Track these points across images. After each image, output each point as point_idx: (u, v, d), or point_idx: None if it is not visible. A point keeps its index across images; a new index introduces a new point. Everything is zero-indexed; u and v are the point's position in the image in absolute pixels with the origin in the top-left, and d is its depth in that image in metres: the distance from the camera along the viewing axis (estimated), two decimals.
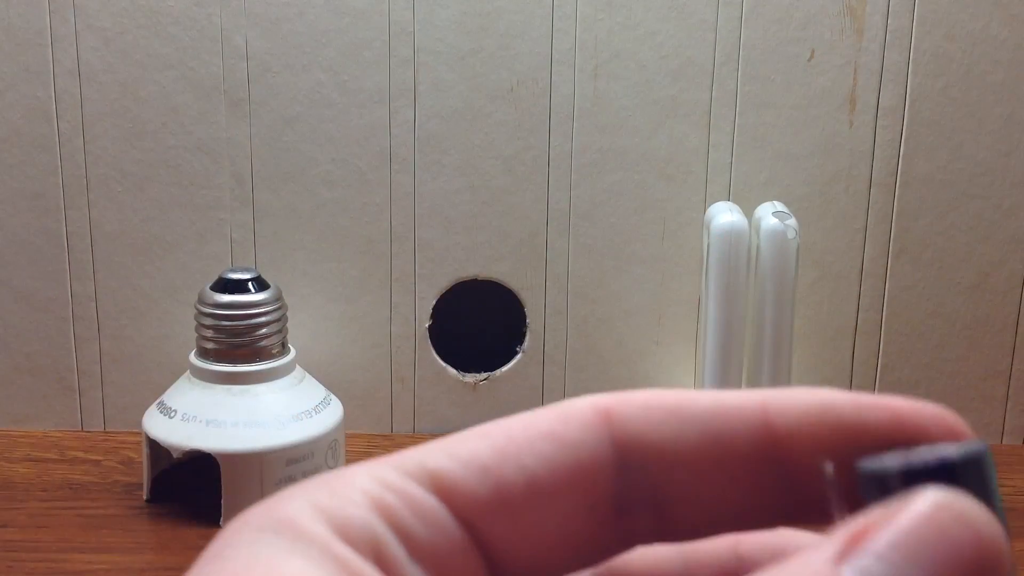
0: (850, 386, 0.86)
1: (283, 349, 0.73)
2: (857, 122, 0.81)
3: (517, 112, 0.81)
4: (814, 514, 0.17)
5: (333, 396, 0.75)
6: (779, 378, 0.74)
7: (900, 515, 0.14)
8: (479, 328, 0.88)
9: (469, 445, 0.17)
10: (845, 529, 0.14)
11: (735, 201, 0.80)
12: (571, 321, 0.84)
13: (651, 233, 0.82)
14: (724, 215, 0.73)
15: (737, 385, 0.76)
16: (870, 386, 0.86)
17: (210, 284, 0.71)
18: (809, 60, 0.80)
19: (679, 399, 0.18)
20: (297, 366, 0.75)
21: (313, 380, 0.76)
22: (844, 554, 0.14)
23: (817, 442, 0.17)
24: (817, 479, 0.17)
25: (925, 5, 0.79)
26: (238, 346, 0.69)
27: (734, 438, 0.17)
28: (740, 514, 0.18)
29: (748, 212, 0.76)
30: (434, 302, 0.84)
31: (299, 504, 0.15)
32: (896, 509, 0.14)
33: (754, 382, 0.76)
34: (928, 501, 0.14)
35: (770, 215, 0.73)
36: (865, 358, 0.85)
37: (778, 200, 0.79)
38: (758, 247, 0.73)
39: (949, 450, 0.16)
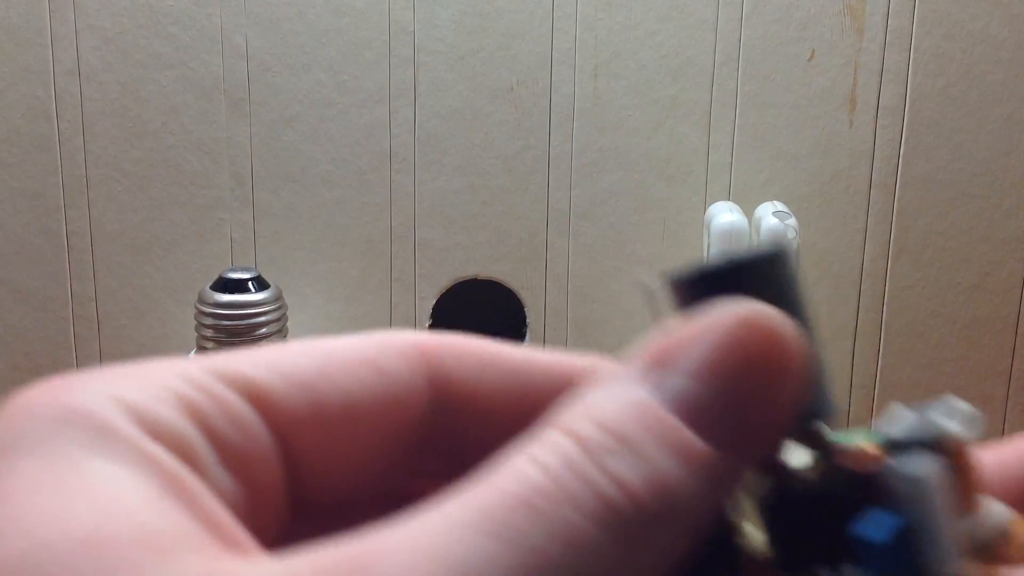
0: (850, 386, 0.86)
1: None
2: (857, 122, 0.81)
3: (517, 112, 0.81)
4: None
5: None
6: None
7: (705, 332, 0.14)
8: (479, 328, 0.88)
9: (290, 359, 0.17)
10: (648, 349, 0.14)
11: (735, 201, 0.80)
12: (571, 321, 0.84)
13: (651, 233, 0.82)
14: (724, 215, 0.73)
15: None
16: (870, 385, 0.86)
17: (210, 284, 0.71)
18: (809, 60, 0.80)
19: (495, 351, 0.18)
20: None
21: None
22: (651, 375, 0.14)
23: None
24: None
25: (925, 5, 0.79)
26: (238, 345, 0.69)
27: (539, 396, 0.18)
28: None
29: (748, 212, 0.76)
30: (434, 302, 0.84)
31: (99, 396, 0.14)
32: (701, 325, 0.14)
33: None
34: (731, 316, 0.14)
35: (770, 215, 0.73)
36: (865, 358, 0.85)
37: (778, 200, 0.79)
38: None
39: (750, 251, 0.16)
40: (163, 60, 0.79)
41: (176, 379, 0.15)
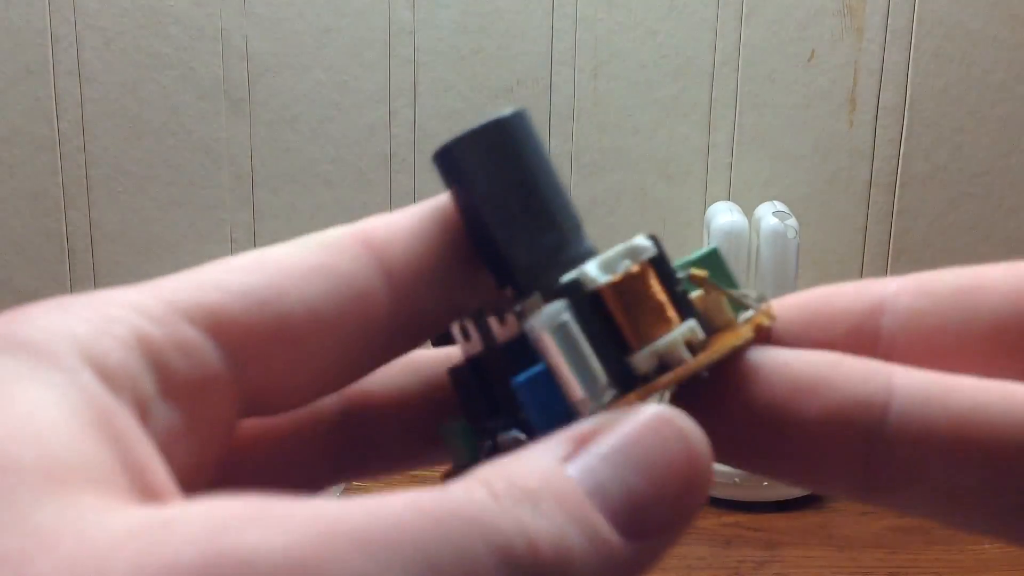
0: None
1: None
2: (857, 122, 0.81)
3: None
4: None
5: None
6: None
7: (624, 422, 0.15)
8: None
9: (241, 278, 0.16)
10: (572, 431, 0.15)
11: (735, 201, 0.80)
12: None
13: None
14: (724, 215, 0.73)
15: None
16: None
17: None
18: (809, 60, 0.80)
19: (421, 223, 0.18)
20: None
21: None
22: (571, 454, 0.15)
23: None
24: None
25: (925, 5, 0.79)
26: None
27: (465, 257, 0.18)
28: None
29: (748, 212, 0.76)
30: None
31: (49, 328, 0.14)
32: (621, 417, 0.15)
33: None
34: (651, 412, 0.15)
35: (770, 215, 0.73)
36: None
37: (778, 200, 0.79)
38: (758, 247, 0.73)
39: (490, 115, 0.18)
40: (163, 60, 0.79)
41: (130, 312, 0.15)
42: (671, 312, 0.17)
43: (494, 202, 0.17)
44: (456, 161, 0.18)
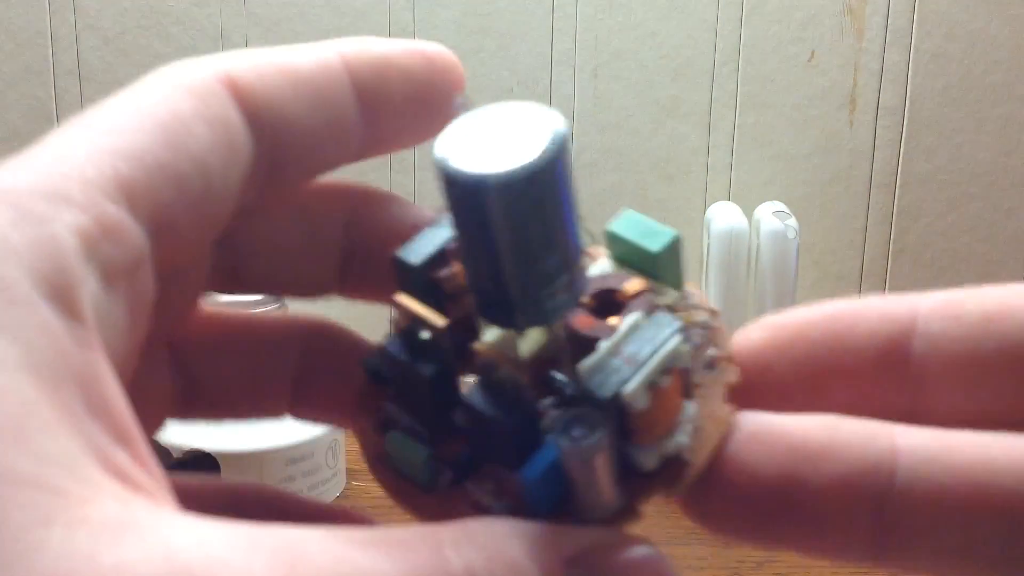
0: None
1: None
2: (857, 122, 0.81)
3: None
4: (391, 146, 0.20)
5: None
6: None
7: (616, 554, 0.16)
8: None
9: (137, 141, 0.16)
10: (564, 548, 0.16)
11: (735, 201, 0.80)
12: None
13: None
14: (724, 215, 0.73)
15: None
16: None
17: None
18: (809, 60, 0.80)
19: (285, 62, 0.18)
20: None
21: None
22: (568, 564, 0.15)
23: (387, 83, 0.19)
24: (387, 118, 0.19)
25: (925, 5, 0.79)
26: None
27: (333, 93, 0.18)
28: (334, 159, 0.19)
29: (748, 212, 0.76)
30: None
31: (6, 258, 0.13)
32: (615, 545, 0.16)
33: None
34: (642, 554, 0.16)
35: (770, 215, 0.73)
36: None
37: (778, 200, 0.79)
38: (758, 247, 0.73)
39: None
40: (163, 61, 0.79)
41: (58, 205, 0.14)
42: (680, 403, 0.17)
43: (519, 252, 0.16)
44: (481, 200, 0.15)
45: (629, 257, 0.19)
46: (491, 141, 0.15)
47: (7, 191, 0.14)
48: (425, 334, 0.18)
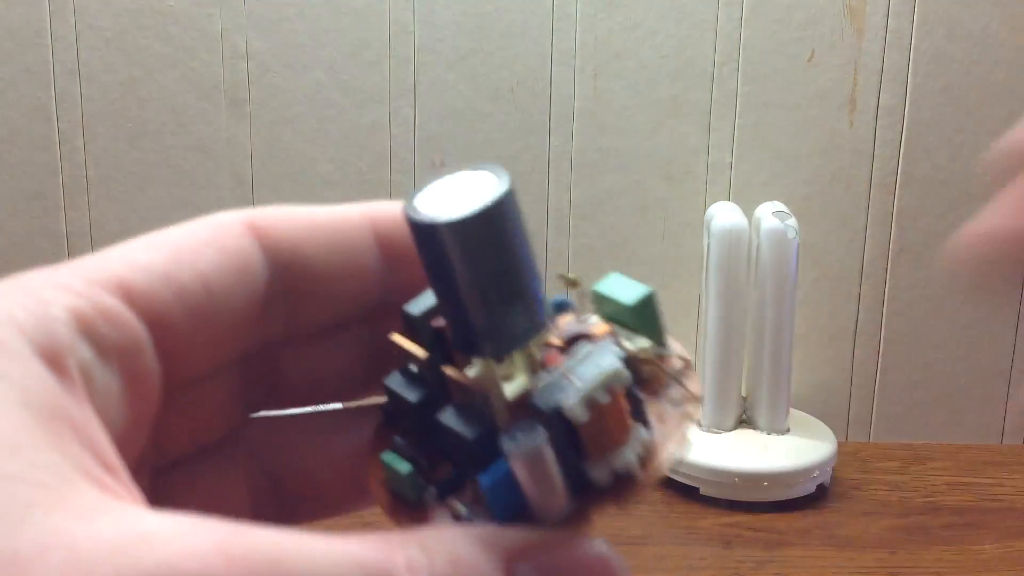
0: (850, 387, 0.86)
1: None
2: (857, 122, 0.81)
3: (517, 112, 0.81)
4: (409, 290, 0.22)
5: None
6: (779, 378, 0.74)
7: (570, 549, 0.17)
8: None
9: (143, 255, 0.19)
10: (519, 542, 0.17)
11: (735, 201, 0.80)
12: None
13: (651, 233, 0.82)
14: (724, 215, 0.73)
15: (737, 389, 0.76)
16: (870, 386, 0.86)
17: None
18: (809, 60, 0.80)
19: (306, 212, 0.21)
20: None
21: None
22: (514, 558, 0.17)
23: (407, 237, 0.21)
24: (407, 269, 0.21)
25: (925, 6, 0.79)
26: None
27: (350, 240, 0.21)
28: (353, 302, 0.22)
29: (748, 212, 0.76)
30: None
31: None
32: (569, 541, 0.17)
33: (754, 381, 0.76)
34: (596, 551, 0.17)
35: (770, 215, 0.73)
36: (865, 358, 0.85)
37: (778, 200, 0.79)
38: (758, 247, 0.73)
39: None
40: (163, 60, 0.79)
41: (58, 291, 0.17)
42: (629, 424, 0.19)
43: (473, 286, 0.18)
44: (435, 241, 0.18)
45: (613, 313, 0.21)
46: (451, 196, 0.19)
47: (25, 282, 0.17)
48: (413, 367, 0.21)
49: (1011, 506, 0.72)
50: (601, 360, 0.19)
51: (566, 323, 0.21)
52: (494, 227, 0.18)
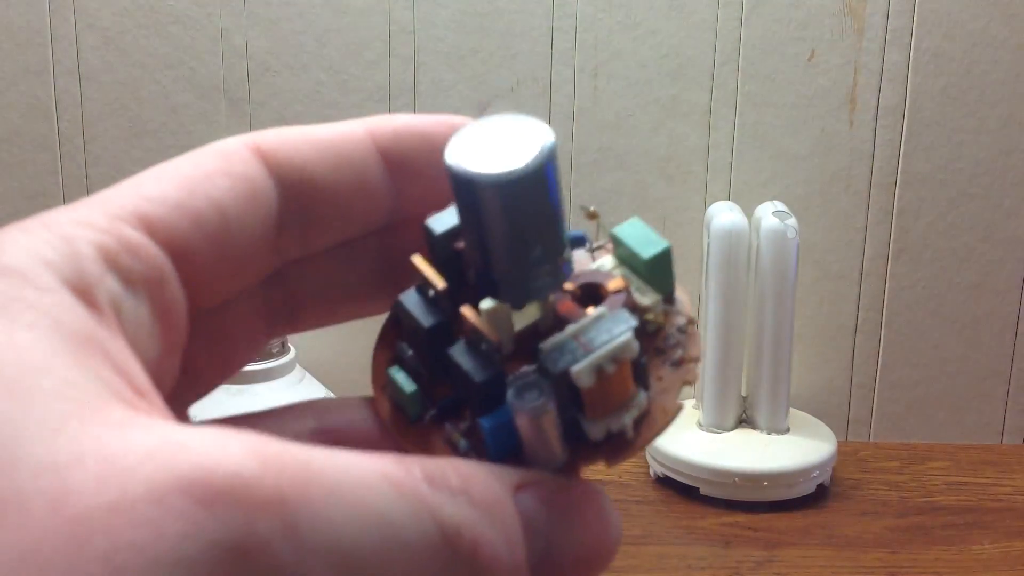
0: (850, 386, 0.86)
1: (283, 348, 0.73)
2: (857, 122, 0.81)
3: (517, 111, 0.81)
4: (418, 202, 0.22)
5: (333, 396, 0.75)
6: (779, 377, 0.74)
7: (568, 487, 0.18)
8: None
9: (158, 187, 0.19)
10: (525, 475, 0.18)
11: (735, 201, 0.80)
12: None
13: None
14: (724, 215, 0.73)
15: (737, 388, 0.76)
16: (870, 385, 0.86)
17: None
18: (809, 60, 0.80)
19: (309, 131, 0.21)
20: (297, 366, 0.75)
21: (313, 380, 0.75)
22: (518, 491, 0.18)
23: (410, 147, 0.22)
24: (413, 181, 0.22)
25: (925, 5, 0.79)
26: None
27: (354, 156, 0.21)
28: (363, 218, 0.22)
29: (748, 212, 0.76)
30: None
31: (20, 253, 0.17)
32: (570, 482, 0.19)
33: (754, 381, 0.76)
34: (594, 489, 0.19)
35: (770, 215, 0.73)
36: (865, 358, 0.85)
37: (778, 200, 0.79)
38: (758, 247, 0.73)
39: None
40: (163, 60, 0.79)
41: (83, 227, 0.18)
42: (631, 389, 0.19)
43: (506, 240, 0.19)
44: (478, 196, 0.18)
45: (627, 259, 0.21)
46: (492, 146, 0.19)
47: (50, 221, 0.18)
48: (431, 292, 0.21)
49: (1011, 506, 0.72)
50: (614, 328, 0.19)
51: (580, 263, 0.22)
52: (535, 187, 0.18)
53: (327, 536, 0.15)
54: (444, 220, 0.21)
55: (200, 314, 0.20)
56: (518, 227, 0.19)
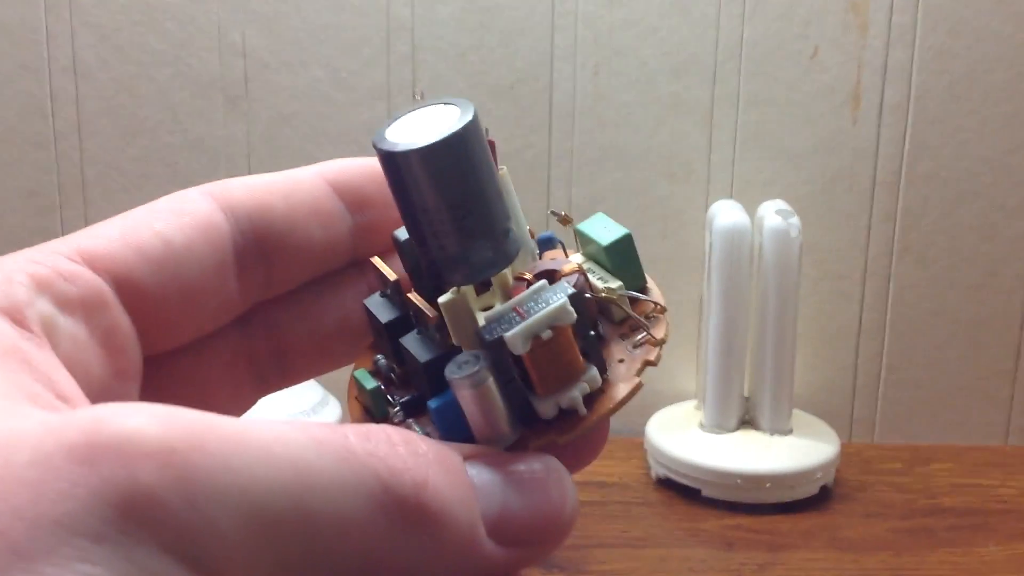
0: (853, 387, 0.85)
1: None
2: (860, 120, 0.80)
3: (517, 109, 0.80)
4: (378, 237, 0.23)
5: (331, 396, 0.75)
6: (782, 378, 0.74)
7: (523, 459, 0.18)
8: None
9: (104, 227, 0.20)
10: (476, 448, 0.18)
11: (737, 199, 0.79)
12: None
13: (653, 231, 0.82)
14: (726, 213, 0.72)
15: (739, 389, 0.75)
16: (874, 385, 0.85)
17: None
18: (812, 57, 0.80)
19: (262, 176, 0.22)
20: None
21: (313, 380, 0.75)
22: (471, 461, 0.18)
23: (360, 177, 0.23)
24: (369, 211, 0.23)
25: (929, 2, 0.78)
26: None
27: (308, 192, 0.22)
28: (325, 253, 0.23)
29: (750, 210, 0.75)
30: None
31: None
32: (522, 454, 0.19)
33: (757, 382, 0.75)
34: (550, 461, 0.19)
35: (773, 213, 0.73)
36: (868, 357, 0.85)
37: (781, 198, 0.78)
38: (760, 246, 0.73)
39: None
40: (160, 57, 0.79)
41: (20, 261, 0.19)
42: (579, 362, 0.19)
43: (436, 212, 0.19)
44: (402, 169, 0.19)
45: (594, 253, 0.22)
46: (418, 128, 0.19)
47: (4, 263, 0.19)
48: (388, 291, 0.22)
49: (1016, 507, 0.72)
50: (551, 297, 0.19)
51: (547, 259, 0.22)
52: (456, 154, 0.19)
53: (226, 483, 0.14)
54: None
55: (173, 356, 0.21)
56: (444, 196, 0.19)
